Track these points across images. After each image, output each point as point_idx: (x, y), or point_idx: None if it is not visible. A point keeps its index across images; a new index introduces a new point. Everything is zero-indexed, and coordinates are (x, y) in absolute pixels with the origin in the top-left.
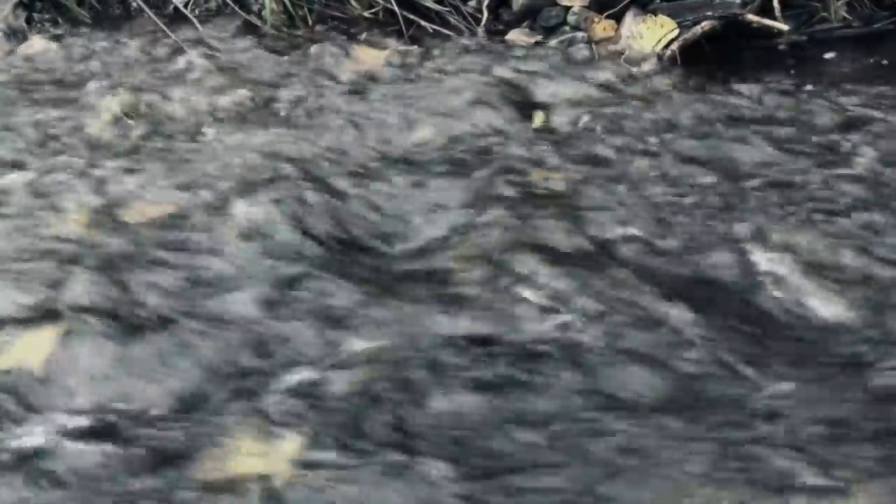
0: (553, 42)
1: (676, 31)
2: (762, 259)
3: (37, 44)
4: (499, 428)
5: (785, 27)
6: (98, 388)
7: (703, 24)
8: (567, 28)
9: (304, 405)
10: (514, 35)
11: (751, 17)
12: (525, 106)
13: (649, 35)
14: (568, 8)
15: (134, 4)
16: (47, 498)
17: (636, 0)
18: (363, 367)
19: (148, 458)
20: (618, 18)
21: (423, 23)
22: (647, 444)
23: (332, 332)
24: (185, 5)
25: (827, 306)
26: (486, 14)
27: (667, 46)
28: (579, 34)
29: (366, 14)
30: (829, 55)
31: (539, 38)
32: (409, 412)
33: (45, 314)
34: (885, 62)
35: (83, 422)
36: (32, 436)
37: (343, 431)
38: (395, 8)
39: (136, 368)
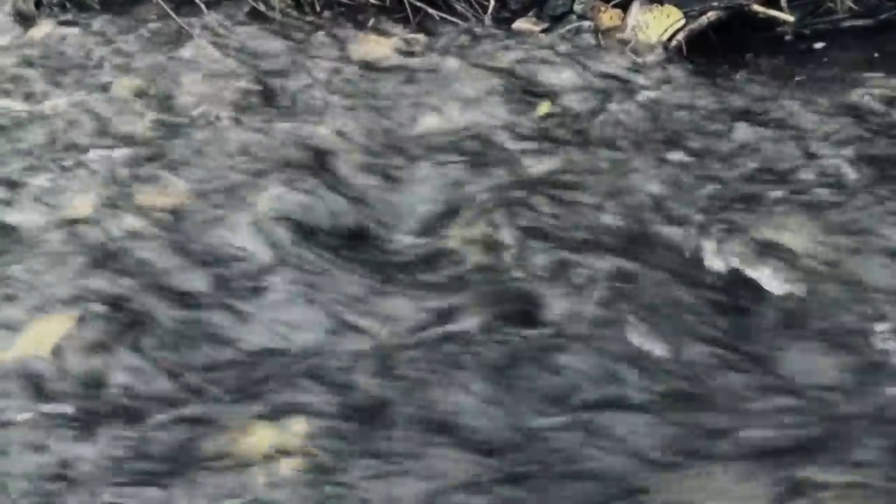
0: (559, 31)
1: (683, 21)
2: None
3: (46, 28)
4: None
5: (791, 18)
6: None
7: (710, 14)
8: (573, 17)
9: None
10: (521, 24)
11: (757, 7)
12: (531, 95)
13: (655, 25)
14: None
15: None
16: None
17: None
18: None
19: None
20: (624, 8)
21: (430, 10)
22: None
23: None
24: None
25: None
26: (492, 2)
27: (673, 36)
28: (586, 23)
29: (373, 1)
30: (834, 46)
31: (545, 26)
32: None
33: (58, 300)
34: (891, 53)
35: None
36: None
37: None
38: None
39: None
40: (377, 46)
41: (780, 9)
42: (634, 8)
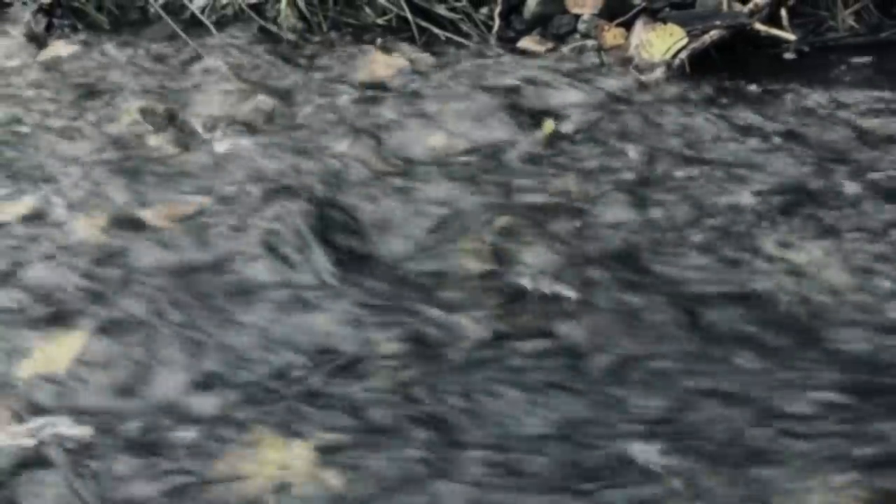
0: (564, 50)
1: (685, 40)
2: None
3: (57, 49)
4: None
5: (792, 37)
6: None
7: (712, 32)
8: (578, 36)
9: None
10: (526, 42)
11: (759, 26)
12: (535, 113)
13: (659, 43)
14: (578, 16)
15: (152, 10)
16: None
17: (646, 8)
18: None
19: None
20: (628, 26)
21: (435, 30)
22: None
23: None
24: (202, 11)
25: None
26: (497, 21)
27: (676, 55)
28: (590, 42)
29: (379, 21)
30: (836, 63)
31: (550, 45)
32: None
33: (71, 315)
34: (891, 70)
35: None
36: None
37: None
38: (409, 15)
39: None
40: (383, 65)
41: (781, 27)
42: (638, 27)
